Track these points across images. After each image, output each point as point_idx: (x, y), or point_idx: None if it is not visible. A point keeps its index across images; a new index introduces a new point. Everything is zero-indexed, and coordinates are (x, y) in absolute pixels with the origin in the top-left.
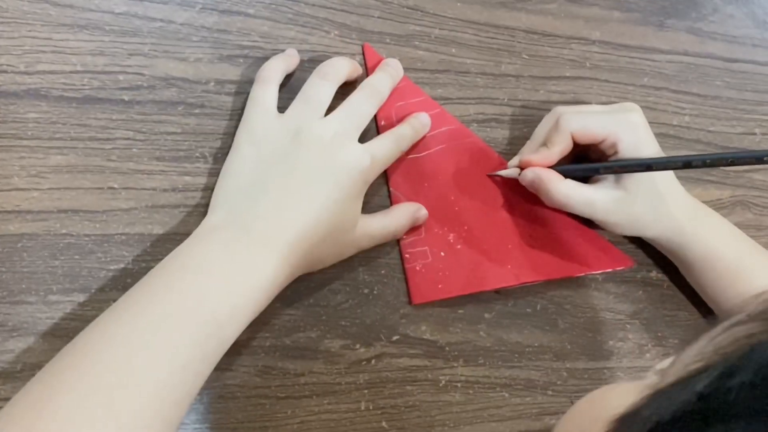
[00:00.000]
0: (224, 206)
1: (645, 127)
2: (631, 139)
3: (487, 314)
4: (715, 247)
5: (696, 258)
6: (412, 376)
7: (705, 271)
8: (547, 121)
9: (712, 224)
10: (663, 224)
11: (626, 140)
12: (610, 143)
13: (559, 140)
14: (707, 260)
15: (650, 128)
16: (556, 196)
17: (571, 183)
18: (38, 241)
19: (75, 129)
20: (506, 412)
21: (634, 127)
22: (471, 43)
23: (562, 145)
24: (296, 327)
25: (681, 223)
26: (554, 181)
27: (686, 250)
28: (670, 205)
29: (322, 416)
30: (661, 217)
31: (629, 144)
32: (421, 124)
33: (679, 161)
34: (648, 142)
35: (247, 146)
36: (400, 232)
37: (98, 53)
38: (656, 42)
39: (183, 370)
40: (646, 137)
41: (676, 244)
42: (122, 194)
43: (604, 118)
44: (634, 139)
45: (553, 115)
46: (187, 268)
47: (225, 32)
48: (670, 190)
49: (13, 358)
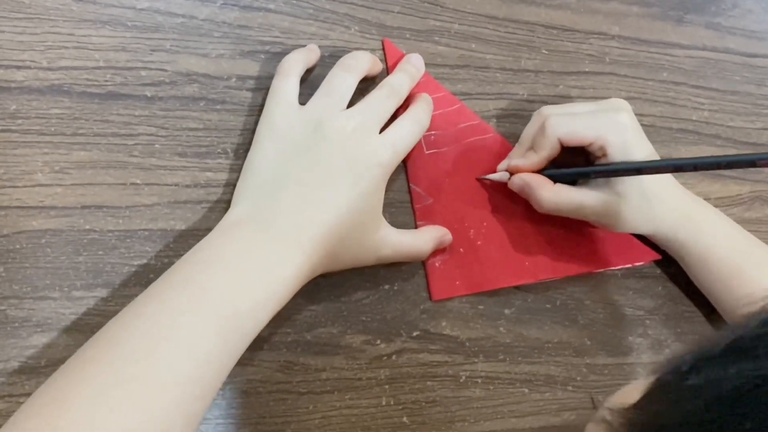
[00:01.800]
0: (246, 201)
1: (633, 127)
2: (619, 141)
3: (506, 310)
4: (708, 245)
5: (692, 256)
6: (433, 371)
7: (702, 271)
8: (534, 124)
9: (707, 222)
10: (655, 224)
11: (614, 143)
12: (598, 146)
13: (545, 145)
14: (703, 259)
15: (640, 128)
16: (544, 202)
17: (559, 188)
18: (62, 236)
19: (98, 125)
20: (526, 407)
21: (622, 128)
22: (491, 39)
23: (549, 150)
24: (317, 322)
25: (674, 222)
26: (542, 186)
27: (682, 249)
28: (662, 205)
29: (344, 411)
30: (653, 217)
31: (617, 146)
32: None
33: (670, 165)
34: (636, 142)
35: (268, 140)
36: (424, 254)
37: (120, 49)
38: (675, 37)
39: (204, 363)
40: (635, 138)
41: (671, 242)
42: (145, 190)
43: (591, 120)
44: (622, 141)
45: (538, 117)
46: (208, 262)
47: (246, 28)
48: (661, 190)
49: (37, 354)
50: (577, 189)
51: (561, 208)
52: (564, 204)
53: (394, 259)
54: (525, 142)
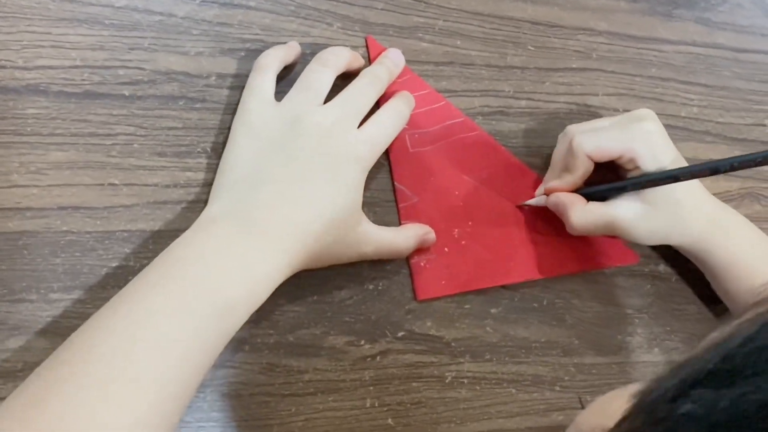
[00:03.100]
0: (223, 198)
1: (660, 135)
2: (647, 150)
3: (493, 309)
4: (735, 252)
5: (718, 265)
6: (418, 372)
7: (728, 279)
8: (561, 145)
9: (735, 228)
10: (685, 232)
11: (643, 153)
12: (627, 159)
13: (577, 164)
14: (729, 267)
15: (666, 133)
16: (575, 222)
17: (591, 206)
18: (39, 238)
19: (75, 125)
20: (513, 408)
21: (649, 137)
22: (476, 35)
23: (581, 169)
24: (300, 324)
25: (702, 229)
26: (574, 205)
27: (708, 257)
28: (691, 212)
29: (327, 414)
30: (683, 226)
31: (647, 156)
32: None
33: (706, 168)
34: (665, 149)
35: (244, 136)
36: (405, 251)
37: (98, 48)
38: (664, 32)
39: (181, 362)
40: (663, 145)
41: (698, 251)
42: (124, 190)
43: (617, 133)
44: (651, 151)
45: (564, 138)
46: (184, 260)
47: (226, 25)
48: (690, 196)
49: (13, 357)
50: (607, 204)
51: (592, 226)
52: (595, 221)
53: (376, 255)
54: (556, 165)
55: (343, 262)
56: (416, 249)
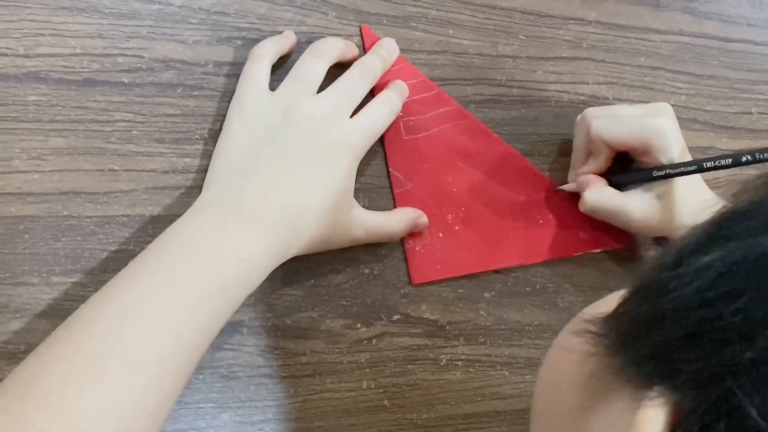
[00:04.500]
0: (217, 184)
1: (676, 131)
2: (663, 145)
3: (486, 293)
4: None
5: None
6: (413, 355)
7: None
8: (580, 129)
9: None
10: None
11: (659, 147)
12: (642, 151)
13: (598, 149)
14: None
15: (679, 127)
16: (585, 200)
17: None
18: (40, 222)
19: (75, 111)
20: (507, 390)
21: (666, 133)
22: (468, 24)
23: (603, 154)
24: (297, 307)
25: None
26: (592, 185)
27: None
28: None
29: (325, 395)
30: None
31: (661, 150)
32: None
33: (729, 158)
34: (677, 143)
35: (238, 124)
36: (397, 235)
37: (97, 36)
38: (652, 22)
39: (175, 343)
40: (676, 139)
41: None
42: (123, 176)
43: (633, 125)
44: (665, 145)
45: (582, 123)
46: (179, 243)
47: (223, 14)
48: (696, 189)
49: (15, 339)
50: (620, 193)
51: (602, 208)
52: (606, 204)
53: (368, 240)
54: (578, 149)
55: (336, 247)
56: (409, 232)
